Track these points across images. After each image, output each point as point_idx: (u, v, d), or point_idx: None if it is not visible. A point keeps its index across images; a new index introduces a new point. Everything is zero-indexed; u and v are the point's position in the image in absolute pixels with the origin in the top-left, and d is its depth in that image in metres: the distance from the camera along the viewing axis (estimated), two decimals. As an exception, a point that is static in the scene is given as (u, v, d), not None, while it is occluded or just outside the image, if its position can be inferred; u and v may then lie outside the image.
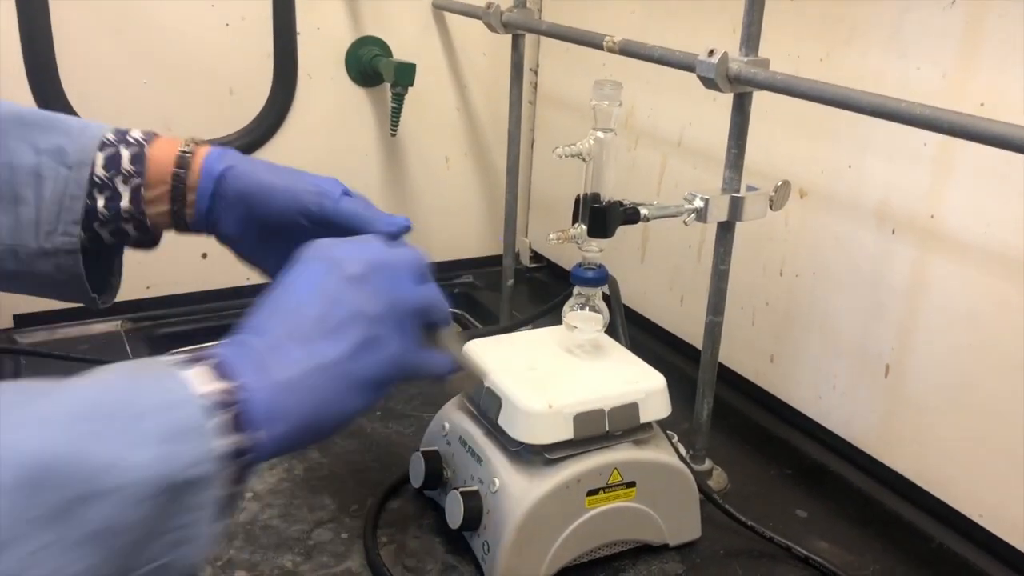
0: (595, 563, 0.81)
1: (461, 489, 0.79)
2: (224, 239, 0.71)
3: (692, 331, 1.16)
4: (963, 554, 0.84)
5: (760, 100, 0.84)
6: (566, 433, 0.76)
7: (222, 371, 0.49)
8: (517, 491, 0.76)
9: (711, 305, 0.90)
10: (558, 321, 0.87)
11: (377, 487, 0.90)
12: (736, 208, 0.85)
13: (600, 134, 0.81)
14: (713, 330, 0.90)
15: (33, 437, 0.41)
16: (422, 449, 0.86)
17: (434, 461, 0.84)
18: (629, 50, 0.92)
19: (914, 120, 0.67)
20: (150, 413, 0.45)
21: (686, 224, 0.85)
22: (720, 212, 0.85)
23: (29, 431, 0.41)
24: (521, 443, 0.77)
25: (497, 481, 0.77)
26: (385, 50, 1.34)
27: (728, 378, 1.09)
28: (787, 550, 0.83)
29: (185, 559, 0.46)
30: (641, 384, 0.81)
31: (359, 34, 1.32)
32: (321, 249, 0.58)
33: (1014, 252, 0.79)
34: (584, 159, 0.80)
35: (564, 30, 1.05)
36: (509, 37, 1.18)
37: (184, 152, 0.69)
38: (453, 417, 0.85)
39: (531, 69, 1.44)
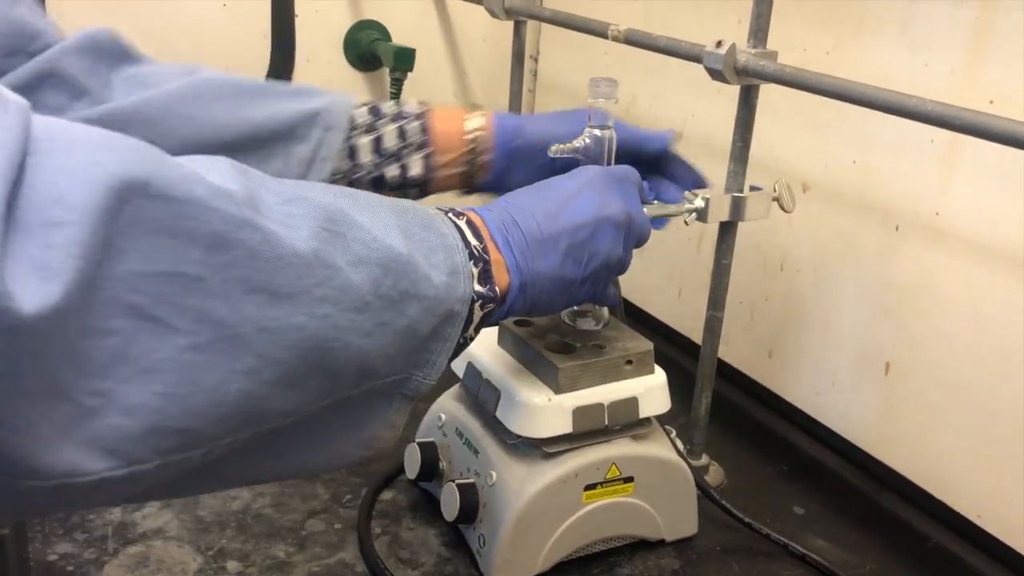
0: (591, 558, 0.80)
1: (457, 481, 0.78)
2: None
3: (690, 325, 1.15)
4: (960, 554, 0.84)
5: (764, 92, 0.82)
6: (565, 427, 0.75)
7: (483, 231, 0.61)
8: (514, 484, 0.75)
9: (711, 300, 0.89)
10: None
11: (371, 478, 0.89)
12: (738, 208, 0.84)
13: (597, 132, 0.78)
14: (713, 325, 0.89)
15: (387, 235, 0.51)
16: (417, 440, 0.85)
17: (430, 452, 0.83)
18: (634, 40, 0.91)
19: (927, 117, 0.66)
20: (439, 249, 0.55)
21: (687, 224, 0.84)
22: (721, 212, 0.84)
23: (384, 229, 0.51)
24: (519, 436, 0.76)
25: (494, 474, 0.76)
26: (384, 34, 1.32)
27: (726, 373, 1.08)
28: (784, 547, 0.83)
29: (418, 383, 0.55)
30: (641, 379, 0.80)
31: (358, 17, 1.31)
32: (595, 179, 0.67)
33: (1019, 250, 0.78)
34: (581, 158, 0.78)
35: (567, 17, 1.04)
36: (511, 23, 1.16)
37: (474, 119, 0.79)
38: (450, 408, 0.84)
39: (532, 56, 1.42)
